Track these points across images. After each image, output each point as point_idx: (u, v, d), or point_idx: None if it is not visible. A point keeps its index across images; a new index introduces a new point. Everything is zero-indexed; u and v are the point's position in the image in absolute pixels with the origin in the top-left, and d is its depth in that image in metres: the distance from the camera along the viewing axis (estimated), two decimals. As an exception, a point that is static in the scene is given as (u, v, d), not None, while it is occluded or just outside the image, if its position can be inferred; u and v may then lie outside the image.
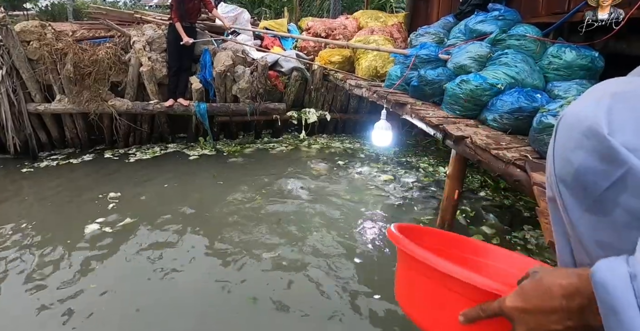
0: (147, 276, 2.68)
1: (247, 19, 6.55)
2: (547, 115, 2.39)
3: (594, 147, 0.47)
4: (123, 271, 2.76)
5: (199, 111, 5.33)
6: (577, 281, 0.47)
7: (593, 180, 0.47)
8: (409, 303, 0.80)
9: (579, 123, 0.49)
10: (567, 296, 0.47)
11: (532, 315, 0.50)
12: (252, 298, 2.47)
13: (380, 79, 5.02)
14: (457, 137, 2.65)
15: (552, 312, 0.48)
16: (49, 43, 5.09)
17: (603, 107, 0.47)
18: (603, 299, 0.42)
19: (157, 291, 2.54)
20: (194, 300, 2.45)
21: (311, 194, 4.07)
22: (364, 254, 3.03)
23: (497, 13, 3.80)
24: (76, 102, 5.17)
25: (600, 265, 0.44)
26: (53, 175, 4.65)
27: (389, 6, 11.09)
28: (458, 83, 3.22)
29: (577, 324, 0.47)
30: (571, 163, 0.50)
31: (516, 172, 2.22)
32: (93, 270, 2.75)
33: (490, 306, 0.57)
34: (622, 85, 0.49)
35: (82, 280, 2.63)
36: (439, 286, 0.69)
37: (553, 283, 0.49)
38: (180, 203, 3.82)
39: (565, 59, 3.16)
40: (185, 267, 2.79)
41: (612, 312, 0.41)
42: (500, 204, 3.98)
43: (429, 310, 0.74)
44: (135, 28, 5.79)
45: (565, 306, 0.47)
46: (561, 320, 0.48)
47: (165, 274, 2.70)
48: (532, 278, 0.52)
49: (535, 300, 0.50)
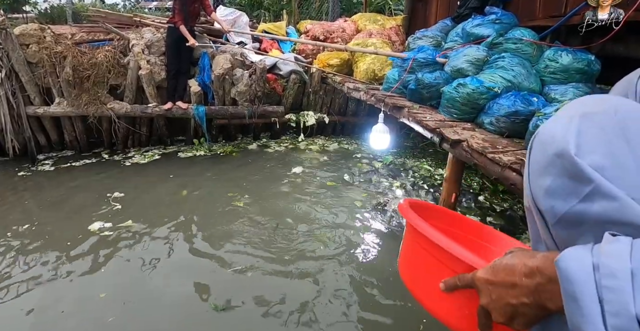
0: (143, 281, 2.68)
1: (245, 22, 6.57)
2: (542, 119, 2.40)
3: (564, 166, 0.50)
4: (120, 277, 2.77)
5: (197, 114, 5.34)
6: (541, 263, 0.50)
7: (563, 196, 0.50)
8: (408, 274, 0.86)
9: (551, 143, 0.52)
10: (528, 274, 0.51)
11: (495, 287, 0.55)
12: (220, 305, 2.48)
13: (378, 81, 5.03)
14: (454, 140, 2.66)
15: (511, 287, 0.53)
16: (48, 46, 5.11)
17: (573, 127, 0.50)
18: (565, 286, 0.45)
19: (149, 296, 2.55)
20: (182, 308, 2.45)
21: (305, 195, 4.09)
22: (360, 256, 3.04)
23: (494, 16, 3.82)
24: (75, 105, 5.18)
25: (565, 253, 0.46)
26: (52, 178, 4.66)
27: (388, 8, 11.12)
28: (455, 87, 3.23)
29: (532, 302, 0.51)
30: (544, 180, 0.53)
31: (512, 176, 2.23)
32: (93, 273, 2.76)
33: (465, 277, 0.64)
34: (593, 105, 0.52)
35: (80, 283, 2.64)
36: (433, 258, 0.75)
37: (520, 261, 0.53)
38: (174, 205, 3.84)
39: (561, 63, 3.17)
40: (180, 273, 2.80)
41: (572, 299, 0.44)
42: (499, 207, 3.99)
43: (425, 281, 0.79)
44: (134, 31, 5.81)
45: (524, 283, 0.51)
46: (518, 296, 0.52)
47: (157, 275, 2.71)
48: (506, 256, 0.57)
49: (501, 275, 0.55)
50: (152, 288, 2.60)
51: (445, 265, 0.71)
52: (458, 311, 0.70)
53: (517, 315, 0.53)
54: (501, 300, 0.54)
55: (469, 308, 0.66)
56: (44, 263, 2.86)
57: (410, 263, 0.86)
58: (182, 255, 3.01)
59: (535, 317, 0.52)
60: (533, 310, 0.51)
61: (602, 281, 0.42)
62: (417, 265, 0.82)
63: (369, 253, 3.11)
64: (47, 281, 2.66)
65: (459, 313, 0.70)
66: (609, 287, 0.41)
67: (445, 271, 0.71)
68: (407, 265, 0.87)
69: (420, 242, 0.79)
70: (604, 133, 0.48)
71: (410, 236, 0.85)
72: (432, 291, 0.74)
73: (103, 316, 2.32)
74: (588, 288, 0.42)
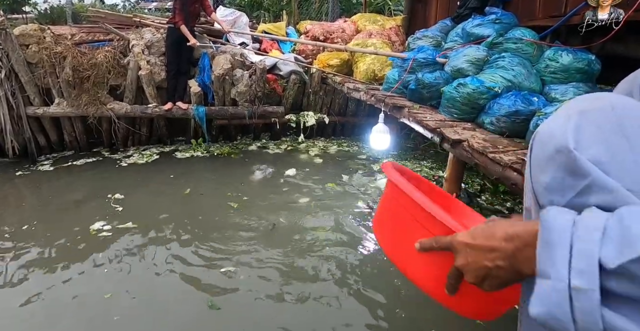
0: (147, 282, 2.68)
1: (245, 23, 6.58)
2: (543, 118, 2.40)
3: (563, 161, 0.51)
4: (123, 277, 2.76)
5: (197, 114, 5.34)
6: (521, 230, 0.53)
7: (561, 191, 0.52)
8: (383, 232, 0.90)
9: (550, 140, 0.54)
10: (507, 239, 0.54)
11: (473, 250, 0.59)
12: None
13: (378, 82, 5.03)
14: (454, 140, 2.65)
15: (489, 250, 0.56)
16: (48, 47, 5.11)
17: (572, 124, 0.52)
18: (544, 234, 0.48)
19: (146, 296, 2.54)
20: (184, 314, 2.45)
21: (303, 197, 4.09)
22: (357, 258, 3.03)
23: (494, 16, 3.81)
24: (75, 105, 5.18)
25: (552, 208, 0.50)
26: (51, 178, 4.66)
27: (388, 9, 11.13)
28: (455, 87, 3.23)
29: (507, 266, 0.54)
30: (544, 176, 0.54)
31: (513, 176, 2.23)
32: (92, 274, 2.75)
33: (443, 239, 0.66)
34: (591, 103, 0.54)
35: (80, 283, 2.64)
36: (411, 218, 0.77)
37: (500, 228, 0.56)
38: (173, 205, 3.85)
39: (562, 62, 3.17)
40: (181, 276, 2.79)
41: (546, 245, 0.48)
42: (500, 207, 3.98)
43: (399, 240, 0.82)
44: (134, 31, 5.81)
45: (502, 247, 0.54)
46: (494, 259, 0.55)
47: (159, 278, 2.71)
48: (487, 224, 0.60)
49: (480, 239, 0.58)
50: (153, 288, 2.60)
51: (423, 226, 0.73)
52: (426, 271, 0.74)
53: (489, 277, 0.57)
54: (477, 263, 0.58)
55: (439, 269, 0.69)
56: (43, 263, 2.86)
57: (387, 221, 0.88)
58: (181, 254, 3.00)
59: (507, 280, 0.56)
60: (507, 274, 0.55)
61: (576, 233, 0.46)
62: (394, 223, 0.84)
63: (366, 255, 3.11)
64: (46, 281, 2.66)
65: (426, 273, 0.74)
66: (581, 236, 0.45)
67: (422, 232, 0.73)
68: (383, 223, 0.90)
69: (400, 201, 0.81)
70: (602, 130, 0.50)
71: (391, 195, 0.87)
72: (405, 250, 0.77)
73: (108, 315, 2.32)
74: (563, 237, 0.46)
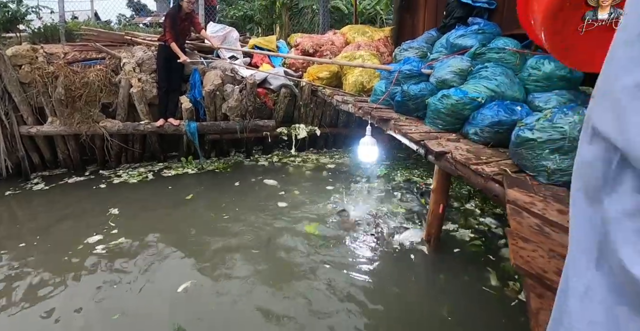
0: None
1: (236, 38, 6.65)
2: (524, 129, 2.42)
3: (597, 141, 0.54)
4: (111, 294, 2.76)
5: (189, 130, 5.37)
6: None
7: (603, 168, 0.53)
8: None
9: (587, 121, 0.57)
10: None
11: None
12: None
13: (367, 93, 5.07)
14: (438, 152, 2.67)
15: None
16: (40, 66, 5.17)
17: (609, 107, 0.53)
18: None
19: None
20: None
21: (291, 209, 4.10)
22: (350, 270, 3.03)
23: (477, 27, 3.86)
24: (68, 123, 5.22)
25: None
26: (44, 196, 4.67)
27: (380, 18, 11.22)
28: (439, 98, 3.26)
29: None
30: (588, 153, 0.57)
31: (495, 187, 2.24)
32: (83, 290, 2.75)
33: None
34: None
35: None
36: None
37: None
38: (162, 222, 3.87)
39: (544, 71, 3.20)
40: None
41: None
42: (490, 214, 3.98)
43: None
44: (125, 50, 5.87)
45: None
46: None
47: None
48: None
49: None
50: (139, 304, 2.60)
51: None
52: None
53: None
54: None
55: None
56: (35, 281, 2.86)
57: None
58: (170, 270, 3.00)
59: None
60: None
61: None
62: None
63: (358, 268, 3.10)
64: (37, 298, 2.65)
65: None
66: None
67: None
68: None
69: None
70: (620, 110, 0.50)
71: None
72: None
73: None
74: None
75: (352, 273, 2.97)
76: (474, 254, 3.25)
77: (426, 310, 2.62)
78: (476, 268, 3.04)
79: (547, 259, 1.24)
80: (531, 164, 2.30)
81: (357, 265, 3.10)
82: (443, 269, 3.04)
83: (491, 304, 2.66)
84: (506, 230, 1.50)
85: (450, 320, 2.51)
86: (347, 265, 3.08)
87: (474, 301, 2.68)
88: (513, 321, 2.49)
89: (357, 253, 3.27)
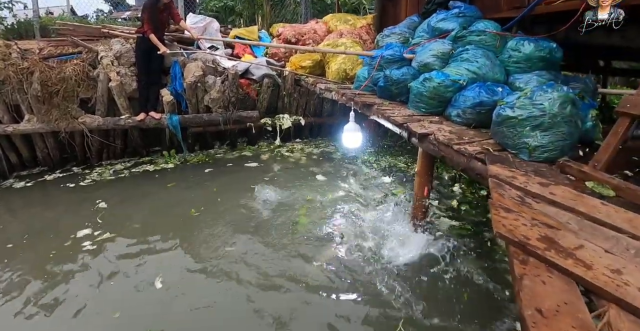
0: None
1: (216, 29, 6.53)
2: (505, 107, 2.42)
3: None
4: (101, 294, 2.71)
5: (171, 124, 5.28)
6: None
7: None
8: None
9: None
10: None
11: None
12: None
13: (350, 81, 5.05)
14: (421, 134, 2.67)
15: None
16: (15, 62, 5.00)
17: None
18: None
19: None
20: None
21: (280, 199, 4.09)
22: (337, 266, 3.02)
23: (458, 10, 3.86)
24: (45, 121, 5.07)
25: None
26: (24, 197, 4.55)
27: (363, 8, 11.16)
28: (422, 82, 3.25)
29: None
30: None
31: (477, 166, 2.24)
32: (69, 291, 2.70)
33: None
34: None
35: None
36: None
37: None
38: (145, 218, 3.81)
39: (524, 52, 3.22)
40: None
41: None
42: (475, 196, 4.01)
43: None
44: (102, 43, 5.73)
45: None
46: None
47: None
48: None
49: None
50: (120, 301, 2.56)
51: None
52: None
53: None
54: None
55: None
56: (17, 283, 2.79)
57: None
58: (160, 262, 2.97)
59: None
60: None
61: None
62: None
63: (345, 262, 3.10)
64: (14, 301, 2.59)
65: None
66: None
67: None
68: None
69: None
70: None
71: None
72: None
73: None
74: None
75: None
76: (459, 236, 3.27)
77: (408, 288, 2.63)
78: (461, 251, 3.06)
79: (530, 227, 1.24)
80: (513, 142, 2.31)
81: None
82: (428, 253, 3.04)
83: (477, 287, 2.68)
84: (489, 201, 1.49)
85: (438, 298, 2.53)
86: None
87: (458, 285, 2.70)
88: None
89: (345, 239, 3.27)
